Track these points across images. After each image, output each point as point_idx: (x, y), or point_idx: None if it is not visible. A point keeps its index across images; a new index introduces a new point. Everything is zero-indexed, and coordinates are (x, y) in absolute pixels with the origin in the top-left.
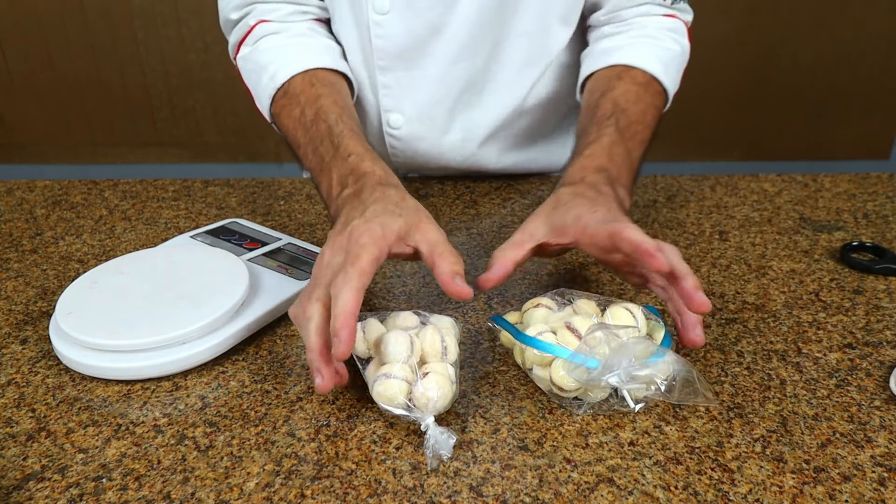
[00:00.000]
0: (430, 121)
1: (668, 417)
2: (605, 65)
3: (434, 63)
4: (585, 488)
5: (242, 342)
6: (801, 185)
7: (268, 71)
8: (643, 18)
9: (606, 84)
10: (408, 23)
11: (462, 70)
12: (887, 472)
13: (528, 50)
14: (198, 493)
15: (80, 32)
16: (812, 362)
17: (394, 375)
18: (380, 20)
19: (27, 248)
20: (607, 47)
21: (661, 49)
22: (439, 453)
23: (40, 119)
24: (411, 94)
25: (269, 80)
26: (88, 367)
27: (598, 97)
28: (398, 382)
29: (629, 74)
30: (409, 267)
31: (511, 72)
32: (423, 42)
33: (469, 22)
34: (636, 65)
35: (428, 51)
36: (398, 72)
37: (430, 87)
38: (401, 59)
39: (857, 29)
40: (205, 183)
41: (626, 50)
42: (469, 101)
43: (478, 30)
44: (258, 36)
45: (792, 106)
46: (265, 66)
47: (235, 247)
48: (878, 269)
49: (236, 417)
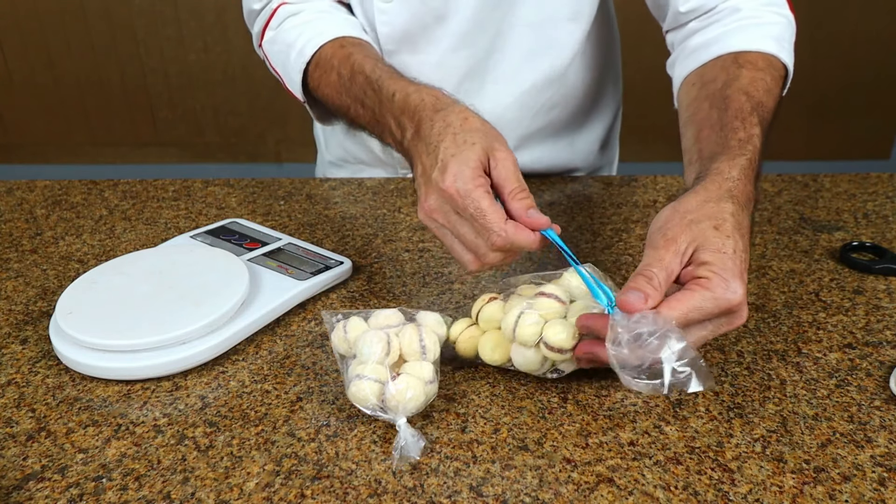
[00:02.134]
0: None
1: (668, 417)
2: (709, 58)
3: (436, 50)
4: (585, 488)
5: (242, 342)
6: (801, 185)
7: (295, 47)
8: (733, 1)
9: (726, 73)
10: (412, 10)
11: (462, 58)
12: (887, 472)
13: (532, 41)
14: (198, 493)
15: (80, 32)
16: (812, 362)
17: (366, 376)
18: (385, 7)
19: (27, 248)
20: (703, 41)
21: (767, 26)
22: (408, 455)
23: (40, 119)
24: None
25: (297, 55)
26: (88, 367)
27: (723, 87)
28: (370, 383)
29: (746, 59)
30: (409, 267)
31: (513, 62)
32: (426, 28)
33: (472, 10)
34: (750, 48)
35: (430, 38)
36: (403, 56)
37: (431, 73)
38: (404, 44)
39: (857, 28)
40: (205, 183)
41: (732, 38)
42: (469, 89)
43: (480, 18)
44: (281, 18)
45: (792, 106)
46: (292, 43)
47: (235, 247)
48: (878, 269)
49: (236, 417)
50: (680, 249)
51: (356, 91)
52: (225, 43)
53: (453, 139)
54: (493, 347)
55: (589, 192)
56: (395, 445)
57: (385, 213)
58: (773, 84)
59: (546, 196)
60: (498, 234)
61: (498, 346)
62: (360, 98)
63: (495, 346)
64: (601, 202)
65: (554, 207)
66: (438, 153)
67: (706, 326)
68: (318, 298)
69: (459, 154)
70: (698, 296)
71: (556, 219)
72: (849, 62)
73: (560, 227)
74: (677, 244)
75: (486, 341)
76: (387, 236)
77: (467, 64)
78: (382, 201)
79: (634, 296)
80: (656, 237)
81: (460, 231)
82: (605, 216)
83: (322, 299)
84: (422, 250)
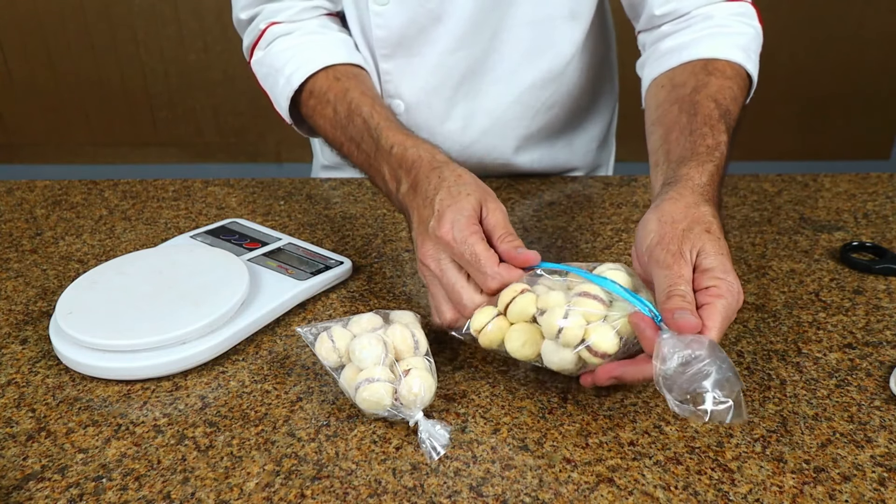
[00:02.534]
0: (428, 108)
1: (668, 417)
2: (679, 62)
3: (433, 51)
4: (585, 488)
5: (242, 342)
6: (801, 185)
7: (283, 73)
8: (706, 8)
9: (695, 79)
10: (407, 12)
11: (460, 59)
12: (887, 472)
13: (530, 41)
14: (198, 493)
15: (80, 32)
16: (812, 362)
17: (376, 379)
18: (380, 10)
19: (27, 248)
20: (673, 46)
21: (736, 35)
22: (437, 445)
23: (40, 119)
24: (411, 81)
25: (285, 82)
26: (88, 367)
27: (692, 93)
28: (382, 385)
29: (715, 67)
30: (409, 267)
31: (511, 62)
32: (422, 31)
33: (468, 11)
34: (718, 56)
35: (427, 39)
36: (399, 59)
37: (429, 74)
38: (401, 46)
39: (857, 29)
40: (205, 183)
41: (701, 44)
42: (468, 90)
43: (477, 18)
44: (270, 39)
45: (792, 106)
46: (280, 69)
47: (235, 247)
48: (878, 269)
49: (236, 417)
50: (689, 259)
51: (353, 132)
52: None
53: (448, 191)
54: (523, 343)
55: (589, 192)
56: (421, 439)
57: (385, 213)
58: (739, 93)
59: (546, 196)
60: (492, 277)
61: (529, 342)
62: (357, 141)
63: (526, 342)
64: (601, 202)
65: (554, 207)
66: (434, 204)
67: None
68: (318, 298)
69: (455, 204)
70: (720, 306)
71: (556, 218)
72: (849, 62)
73: (559, 227)
74: (685, 256)
75: (516, 335)
76: (387, 236)
77: (466, 65)
78: (382, 201)
79: (688, 317)
80: (661, 254)
81: (450, 280)
82: (605, 216)
83: (322, 299)
84: None
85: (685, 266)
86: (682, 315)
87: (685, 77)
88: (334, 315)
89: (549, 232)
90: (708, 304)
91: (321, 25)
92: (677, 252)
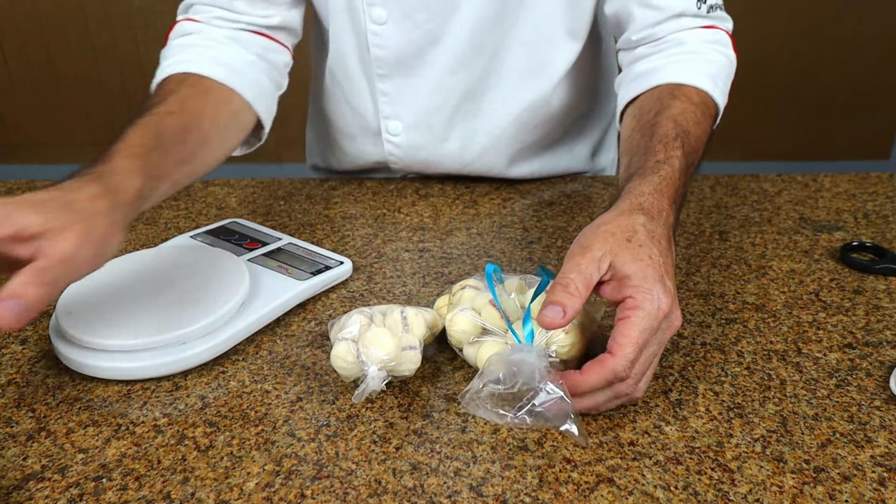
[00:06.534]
0: (428, 129)
1: (668, 417)
2: (649, 87)
3: (432, 72)
4: (585, 488)
5: (242, 342)
6: (801, 185)
7: (161, 65)
8: (680, 34)
9: (660, 103)
10: (405, 33)
11: (460, 80)
12: (887, 472)
13: (529, 60)
14: (198, 493)
15: (80, 32)
16: (812, 362)
17: (342, 338)
18: (377, 30)
19: None
20: (645, 70)
21: (705, 63)
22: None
23: (40, 119)
24: (410, 102)
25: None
26: (88, 367)
27: (654, 116)
28: (345, 343)
29: (681, 92)
30: (409, 267)
31: (510, 82)
32: (420, 51)
33: (467, 32)
34: (685, 82)
35: (426, 60)
36: (397, 79)
37: (428, 95)
38: (399, 67)
39: (857, 29)
40: (205, 183)
41: (669, 69)
42: (468, 110)
43: (476, 40)
44: (177, 33)
45: (792, 106)
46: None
47: (235, 247)
48: (878, 269)
49: (236, 417)
50: (595, 256)
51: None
52: None
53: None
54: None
55: (589, 192)
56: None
57: (385, 213)
58: (702, 118)
59: (546, 196)
60: None
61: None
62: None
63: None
64: (601, 202)
65: (554, 207)
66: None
67: (651, 343)
68: (318, 298)
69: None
70: (635, 318)
71: (555, 218)
72: (849, 63)
73: (559, 227)
74: (592, 251)
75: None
76: (387, 236)
77: (465, 86)
78: (382, 201)
79: (552, 312)
80: (573, 248)
81: None
82: None
83: (322, 299)
84: (422, 250)
85: (586, 259)
86: (545, 311)
87: (651, 103)
88: (334, 315)
89: (549, 232)
90: (624, 319)
91: (229, 38)
92: (587, 246)
